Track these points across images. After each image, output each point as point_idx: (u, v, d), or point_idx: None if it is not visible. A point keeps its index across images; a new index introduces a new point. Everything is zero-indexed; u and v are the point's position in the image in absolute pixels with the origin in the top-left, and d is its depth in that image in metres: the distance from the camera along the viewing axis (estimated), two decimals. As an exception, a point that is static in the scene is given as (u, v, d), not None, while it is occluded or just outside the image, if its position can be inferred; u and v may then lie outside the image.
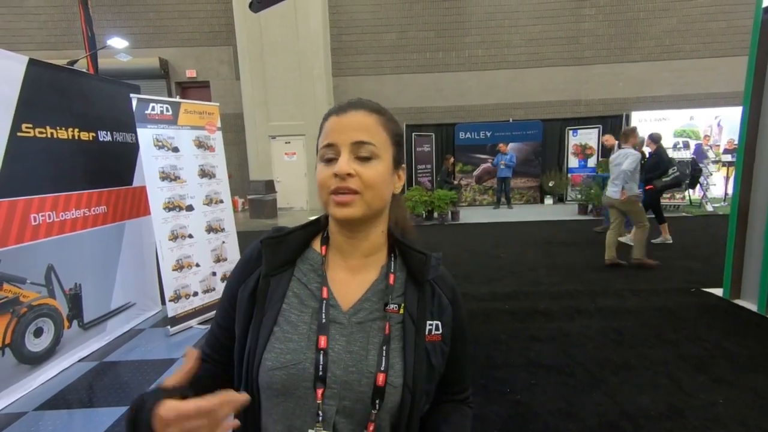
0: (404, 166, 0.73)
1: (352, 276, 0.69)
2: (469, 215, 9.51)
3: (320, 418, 0.60)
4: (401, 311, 0.67)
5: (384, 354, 0.63)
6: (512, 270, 5.18)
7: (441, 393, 0.74)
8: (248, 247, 0.73)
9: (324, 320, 0.64)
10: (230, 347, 0.69)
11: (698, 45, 11.27)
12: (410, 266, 0.70)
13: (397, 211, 0.74)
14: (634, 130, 4.97)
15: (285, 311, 0.66)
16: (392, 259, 0.72)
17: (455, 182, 10.33)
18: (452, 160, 10.51)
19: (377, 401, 0.61)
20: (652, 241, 5.96)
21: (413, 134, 11.11)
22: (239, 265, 0.72)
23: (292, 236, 0.71)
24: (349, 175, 0.61)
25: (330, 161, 0.63)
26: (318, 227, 0.74)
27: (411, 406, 0.63)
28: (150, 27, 11.46)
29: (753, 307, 3.59)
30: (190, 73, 11.72)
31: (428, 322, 0.68)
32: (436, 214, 8.92)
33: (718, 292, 3.99)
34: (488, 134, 11.12)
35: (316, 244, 0.72)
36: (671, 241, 6.13)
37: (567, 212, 9.52)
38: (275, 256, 0.69)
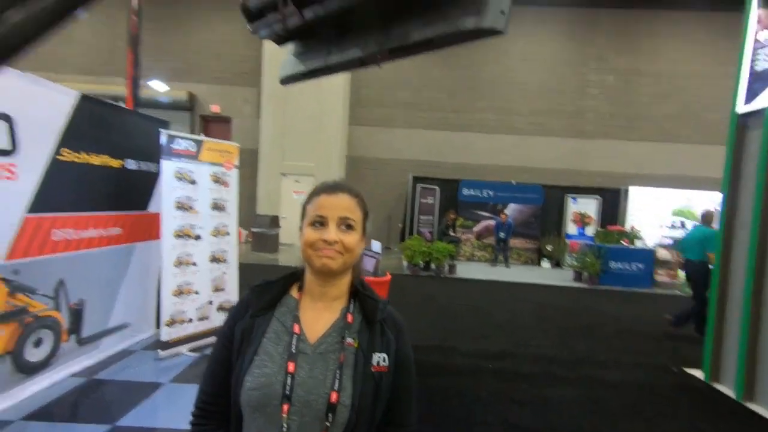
0: (366, 233, 0.93)
1: (320, 315, 0.89)
2: (466, 270, 9.62)
3: (284, 430, 0.78)
4: (356, 344, 0.85)
5: (338, 378, 0.81)
6: (503, 329, 5.25)
7: (384, 424, 0.88)
8: (244, 293, 0.94)
9: (294, 350, 0.83)
10: (228, 380, 0.85)
11: (694, 132, 11.91)
12: (365, 310, 0.90)
13: (356, 267, 0.95)
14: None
15: (265, 344, 0.84)
16: (351, 303, 0.91)
17: (454, 235, 10.54)
18: (454, 215, 10.80)
19: (330, 415, 0.78)
20: None
21: (419, 186, 11.50)
22: (235, 307, 0.92)
23: (274, 285, 0.92)
24: (336, 241, 0.83)
25: (318, 227, 0.84)
26: (295, 278, 0.95)
27: (356, 425, 0.80)
28: (185, 64, 12.30)
29: (731, 393, 3.64)
30: (215, 108, 12.41)
31: (377, 354, 0.86)
32: (433, 266, 9.05)
33: (699, 374, 4.04)
34: (491, 193, 11.48)
35: (294, 291, 0.92)
36: None
37: (563, 277, 9.61)
38: (260, 300, 0.90)
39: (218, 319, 4.09)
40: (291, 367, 0.81)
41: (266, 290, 0.91)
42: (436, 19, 1.16)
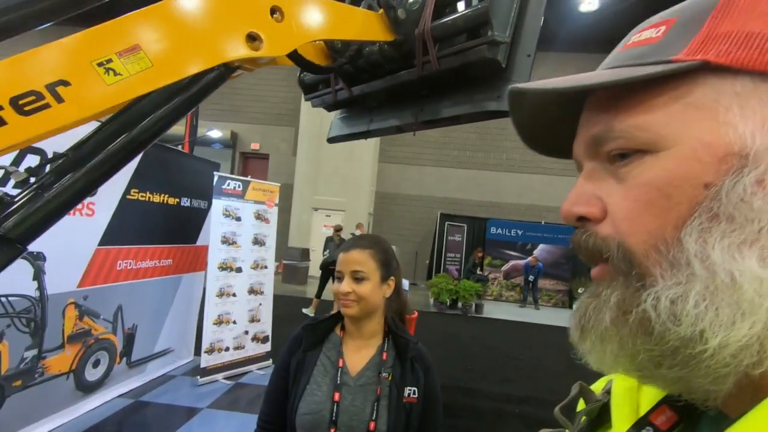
0: (393, 278, 1.10)
1: (359, 352, 1.08)
2: (493, 310, 9.51)
3: None
4: (390, 378, 1.03)
5: (375, 408, 0.99)
6: (530, 374, 5.17)
7: None
8: (295, 330, 1.13)
9: (339, 382, 1.02)
10: (285, 404, 1.05)
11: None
12: (398, 347, 1.07)
13: (396, 304, 1.12)
14: None
15: (315, 375, 1.04)
16: (386, 341, 1.09)
17: (482, 273, 10.51)
18: (481, 253, 10.81)
19: None
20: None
21: (446, 223, 11.63)
22: (289, 343, 1.11)
23: (322, 324, 1.12)
24: (348, 292, 1.02)
25: (338, 281, 1.05)
26: (338, 319, 1.14)
27: None
28: (229, 105, 13.30)
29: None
30: (254, 146, 13.21)
31: (408, 388, 1.02)
32: (460, 304, 9.02)
33: None
34: (519, 232, 11.44)
35: (338, 330, 1.12)
36: None
37: (595, 321, 9.30)
38: (311, 337, 1.10)
39: (252, 349, 4.30)
40: (336, 396, 0.99)
41: (315, 329, 1.11)
42: (463, 101, 1.39)
